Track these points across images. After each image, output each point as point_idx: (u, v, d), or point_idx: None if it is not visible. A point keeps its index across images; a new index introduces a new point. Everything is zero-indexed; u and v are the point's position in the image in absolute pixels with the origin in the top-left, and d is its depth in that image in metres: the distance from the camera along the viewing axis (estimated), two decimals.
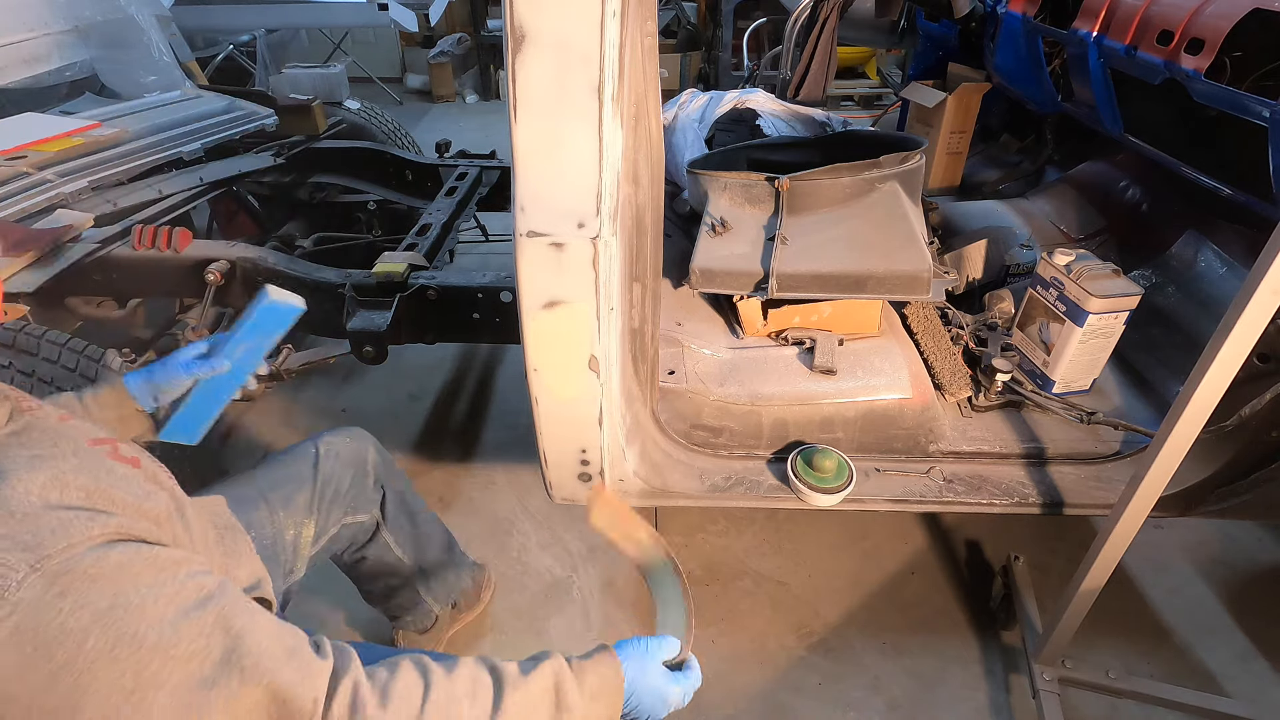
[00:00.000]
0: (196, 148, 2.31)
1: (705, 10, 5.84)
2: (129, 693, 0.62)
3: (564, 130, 0.97)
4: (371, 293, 1.76)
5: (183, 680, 0.64)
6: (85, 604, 0.61)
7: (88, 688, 0.61)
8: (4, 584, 0.59)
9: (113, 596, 0.62)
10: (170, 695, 0.63)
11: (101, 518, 0.66)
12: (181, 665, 0.64)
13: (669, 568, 1.02)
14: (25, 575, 0.60)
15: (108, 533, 0.66)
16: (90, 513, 0.66)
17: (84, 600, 0.61)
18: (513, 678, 0.79)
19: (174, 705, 0.63)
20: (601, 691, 0.83)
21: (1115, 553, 1.25)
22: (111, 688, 0.61)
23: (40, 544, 0.61)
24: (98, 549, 0.64)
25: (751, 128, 2.19)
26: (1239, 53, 1.45)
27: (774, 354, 1.59)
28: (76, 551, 0.62)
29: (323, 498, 1.25)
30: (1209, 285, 1.75)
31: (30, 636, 0.59)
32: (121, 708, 0.62)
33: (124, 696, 0.62)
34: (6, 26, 2.71)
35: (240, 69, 4.68)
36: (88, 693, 0.61)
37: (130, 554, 0.66)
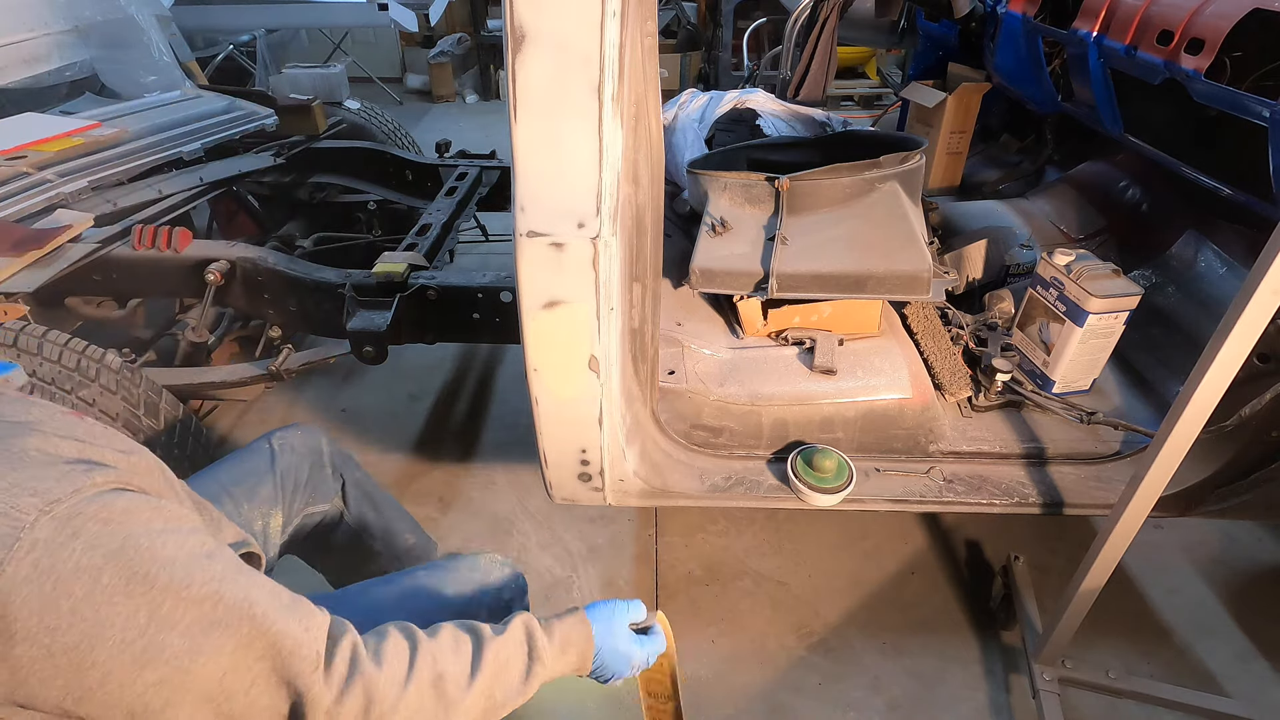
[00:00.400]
0: (196, 148, 2.31)
1: (705, 10, 5.84)
2: (143, 629, 0.64)
3: (564, 130, 0.97)
4: (371, 293, 1.76)
5: (195, 621, 0.66)
6: (97, 544, 0.63)
7: (105, 621, 0.62)
8: (18, 524, 0.60)
9: (123, 538, 0.64)
10: (182, 636, 0.65)
11: (100, 469, 0.68)
12: (194, 606, 0.66)
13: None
14: (37, 518, 0.61)
15: (109, 480, 0.68)
16: (87, 464, 0.68)
17: (95, 541, 0.63)
18: (489, 633, 0.86)
19: (185, 646, 0.65)
20: (570, 644, 0.91)
21: (1115, 553, 1.25)
22: (127, 623, 0.63)
23: (48, 490, 0.63)
24: (104, 494, 0.66)
25: (751, 128, 2.19)
26: (1239, 53, 1.45)
27: (774, 354, 1.59)
28: (83, 496, 0.64)
29: (284, 489, 1.26)
30: (1209, 285, 1.75)
31: (49, 573, 0.61)
32: (136, 643, 0.63)
33: (138, 632, 0.63)
34: (6, 26, 2.71)
35: (240, 69, 4.68)
36: (104, 627, 0.62)
37: (137, 501, 0.68)
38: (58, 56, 2.88)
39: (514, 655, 0.86)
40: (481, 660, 0.82)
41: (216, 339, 2.06)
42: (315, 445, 1.34)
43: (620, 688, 1.60)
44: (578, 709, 1.57)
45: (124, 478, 0.70)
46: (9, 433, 0.68)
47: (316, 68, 3.43)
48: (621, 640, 0.96)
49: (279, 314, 1.95)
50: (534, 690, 0.87)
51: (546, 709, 1.57)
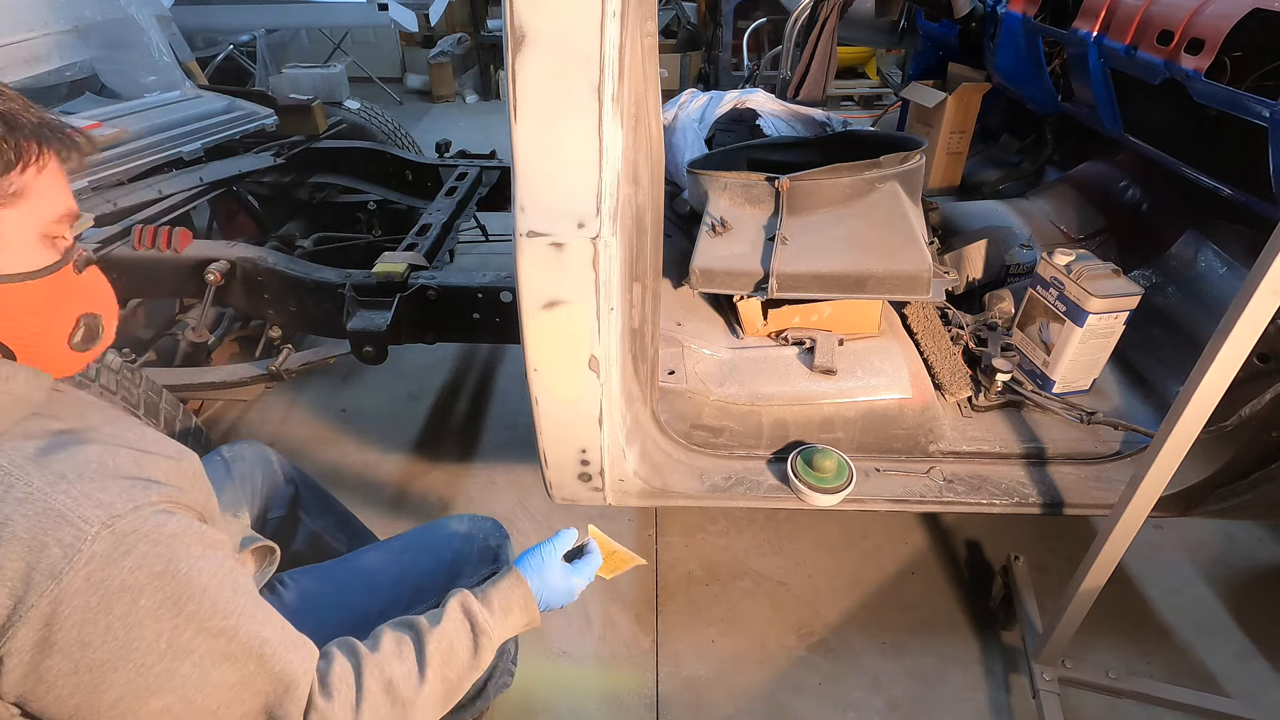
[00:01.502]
0: (196, 148, 2.31)
1: (705, 10, 5.84)
2: (162, 654, 0.65)
3: (564, 130, 0.97)
4: (371, 293, 1.76)
5: (208, 653, 0.67)
6: (144, 564, 0.64)
7: (132, 644, 0.64)
8: (82, 535, 0.61)
9: (167, 562, 0.66)
10: (194, 666, 0.67)
11: (155, 487, 0.69)
12: (211, 639, 0.68)
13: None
14: (99, 530, 0.62)
15: (164, 500, 0.69)
16: (144, 482, 0.69)
17: (143, 561, 0.64)
18: (427, 625, 0.87)
19: (195, 677, 0.67)
20: (511, 604, 0.94)
21: (1115, 553, 1.25)
22: (149, 647, 0.64)
23: (112, 503, 0.64)
24: (159, 514, 0.67)
25: (751, 128, 2.19)
26: (1239, 53, 1.45)
27: (774, 354, 1.59)
28: (143, 514, 0.66)
29: (244, 495, 1.27)
30: (1209, 285, 1.75)
31: (99, 588, 0.62)
32: (154, 668, 0.64)
33: (157, 658, 0.65)
34: (6, 26, 2.71)
35: (240, 69, 4.68)
36: (130, 649, 0.64)
37: (185, 525, 0.70)
38: (58, 56, 2.88)
39: (457, 637, 0.87)
40: (425, 654, 0.84)
41: (216, 339, 2.06)
42: (265, 455, 1.35)
43: (620, 687, 1.60)
44: (578, 709, 1.57)
45: (174, 496, 0.71)
46: (72, 439, 0.69)
47: (316, 68, 3.42)
48: (558, 579, 1.00)
49: (279, 314, 1.95)
50: (489, 657, 0.90)
51: (546, 709, 1.57)
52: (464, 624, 0.89)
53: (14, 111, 0.68)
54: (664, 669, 1.64)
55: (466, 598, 0.91)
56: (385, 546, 1.23)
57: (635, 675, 1.63)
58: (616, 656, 1.67)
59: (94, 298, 0.78)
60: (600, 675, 1.64)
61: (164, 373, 1.85)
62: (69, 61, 2.92)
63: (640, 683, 1.62)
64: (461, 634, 0.88)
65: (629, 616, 1.76)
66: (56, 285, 0.72)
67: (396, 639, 0.85)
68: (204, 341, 1.95)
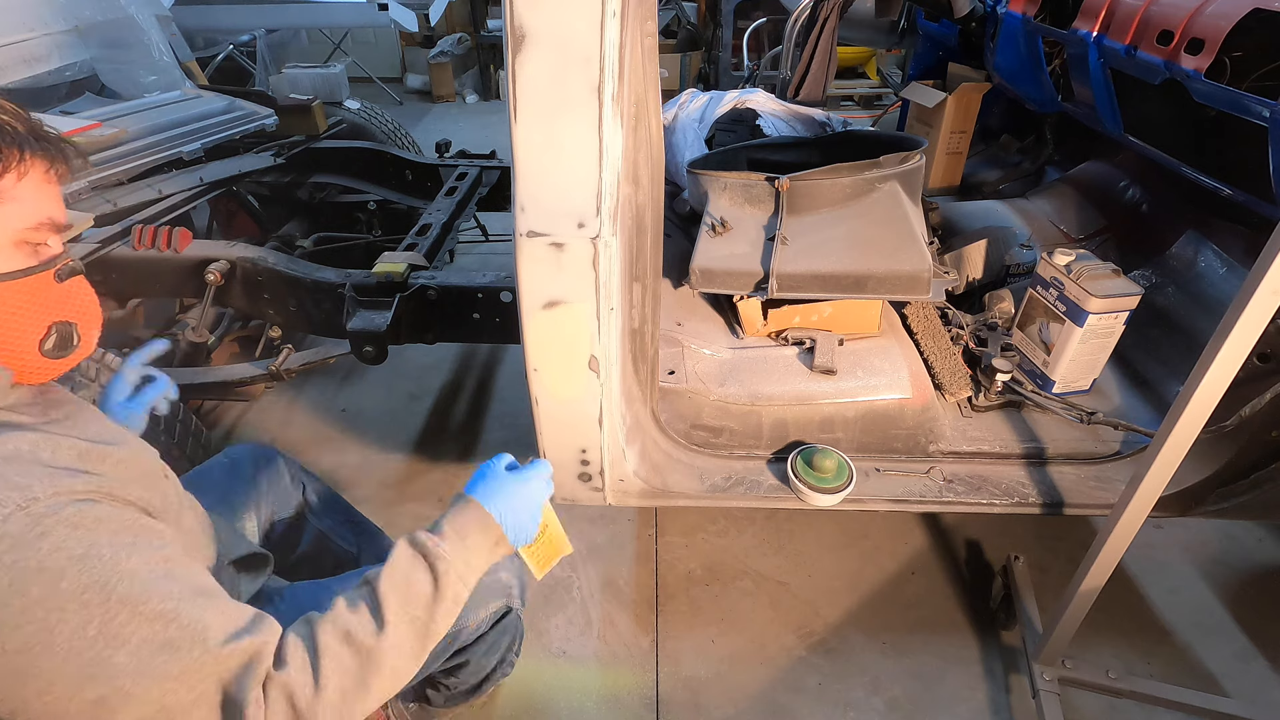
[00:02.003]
0: (196, 148, 2.31)
1: (705, 10, 5.84)
2: (92, 640, 0.62)
3: (564, 130, 0.97)
4: (371, 293, 1.76)
5: (146, 639, 0.65)
6: (62, 548, 0.63)
7: (54, 628, 0.61)
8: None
9: (88, 546, 0.64)
10: (130, 655, 0.64)
11: (86, 477, 0.69)
12: (147, 624, 0.65)
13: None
14: (12, 511, 0.61)
15: (91, 489, 0.68)
16: (78, 472, 0.68)
17: (62, 544, 0.63)
18: (375, 572, 0.82)
19: (131, 667, 0.64)
20: (466, 527, 0.87)
21: (1115, 553, 1.25)
22: (76, 633, 0.62)
23: (30, 486, 0.63)
24: (82, 502, 0.66)
25: (751, 128, 2.19)
26: (1239, 53, 1.45)
27: (774, 354, 1.59)
28: (61, 500, 0.65)
29: (250, 496, 1.27)
30: (1209, 285, 1.75)
31: (9, 569, 0.60)
32: (83, 654, 0.62)
33: (87, 644, 0.62)
34: (6, 26, 2.71)
35: (240, 69, 4.68)
36: (53, 634, 0.61)
37: (113, 512, 0.68)
38: (58, 56, 2.88)
39: (411, 571, 0.82)
40: (379, 596, 0.79)
41: (216, 339, 2.06)
42: (269, 457, 1.35)
43: (620, 686, 1.60)
44: (578, 708, 1.57)
45: (106, 487, 0.70)
46: (8, 428, 0.69)
47: (316, 68, 3.43)
48: (511, 486, 0.92)
49: (279, 314, 1.95)
50: (460, 590, 0.84)
51: (546, 708, 1.57)
52: (415, 558, 0.83)
53: (3, 121, 0.68)
54: (664, 669, 1.64)
55: (413, 535, 0.85)
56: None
57: (635, 675, 1.63)
58: (616, 656, 1.67)
59: (73, 307, 0.77)
60: (600, 675, 1.64)
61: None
62: (69, 61, 2.93)
63: (640, 682, 1.62)
64: (415, 568, 0.82)
65: (629, 616, 1.76)
66: (28, 290, 0.72)
67: (347, 596, 0.81)
68: (204, 341, 1.95)
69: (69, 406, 0.79)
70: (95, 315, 0.81)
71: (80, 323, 0.79)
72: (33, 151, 0.70)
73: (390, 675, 0.78)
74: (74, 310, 0.78)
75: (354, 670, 0.75)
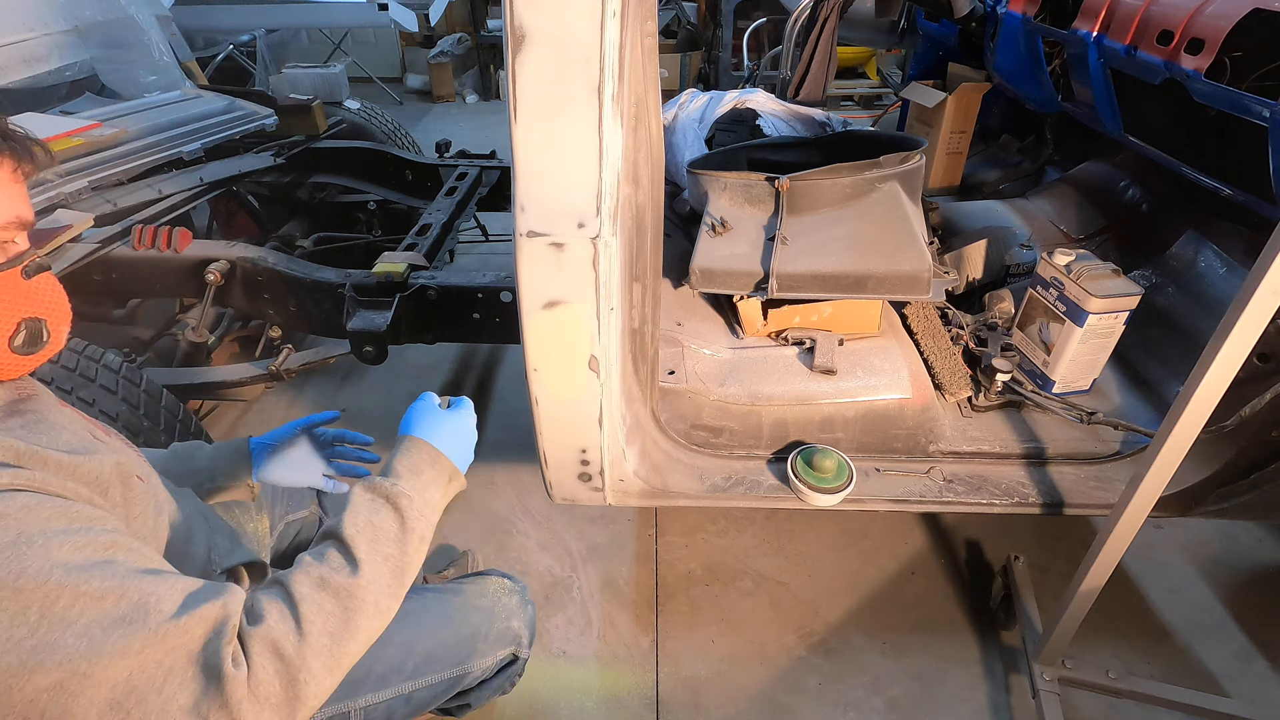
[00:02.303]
0: (196, 148, 2.31)
1: (705, 10, 5.84)
2: (34, 627, 0.60)
3: (564, 130, 0.97)
4: (371, 293, 1.76)
5: (96, 619, 0.62)
6: None
7: None
8: None
9: (16, 534, 0.62)
10: (79, 636, 0.61)
11: (14, 471, 0.67)
12: (94, 603, 0.62)
13: None
14: None
15: (17, 483, 0.66)
16: (8, 467, 0.67)
17: None
18: (335, 522, 0.80)
19: (85, 646, 0.61)
20: (418, 465, 0.88)
21: (1115, 553, 1.25)
22: (16, 620, 0.60)
23: None
24: (3, 493, 0.64)
25: (751, 128, 2.19)
26: (1239, 53, 1.45)
27: (774, 354, 1.59)
28: None
29: (264, 495, 1.26)
30: (1209, 285, 1.75)
31: None
32: (25, 642, 0.59)
33: (28, 631, 0.60)
34: (6, 26, 2.71)
35: (240, 69, 4.68)
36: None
37: (40, 500, 0.66)
38: (58, 56, 2.89)
39: (372, 513, 0.81)
40: (345, 540, 0.78)
41: (216, 339, 2.06)
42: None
43: (620, 686, 1.60)
44: (578, 709, 1.57)
45: (43, 481, 0.68)
46: None
47: (316, 68, 3.43)
48: (451, 425, 0.95)
49: (279, 314, 1.95)
50: (424, 527, 0.84)
51: (547, 709, 1.57)
52: (371, 499, 0.83)
53: None
54: (664, 669, 1.64)
55: (366, 481, 0.86)
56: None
57: (635, 675, 1.63)
58: (616, 656, 1.67)
59: (41, 303, 0.77)
60: (600, 675, 1.64)
61: (164, 373, 1.85)
62: (69, 61, 2.93)
63: (640, 682, 1.62)
64: (377, 508, 0.82)
65: (629, 616, 1.76)
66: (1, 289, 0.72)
67: (311, 551, 0.79)
68: (204, 341, 1.95)
69: (36, 415, 0.77)
70: (64, 311, 0.81)
71: (50, 319, 0.78)
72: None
73: (374, 612, 0.76)
74: (43, 306, 0.77)
75: (336, 612, 0.73)
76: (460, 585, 1.19)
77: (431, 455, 0.90)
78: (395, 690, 1.03)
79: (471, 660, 1.12)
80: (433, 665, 1.07)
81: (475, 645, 1.12)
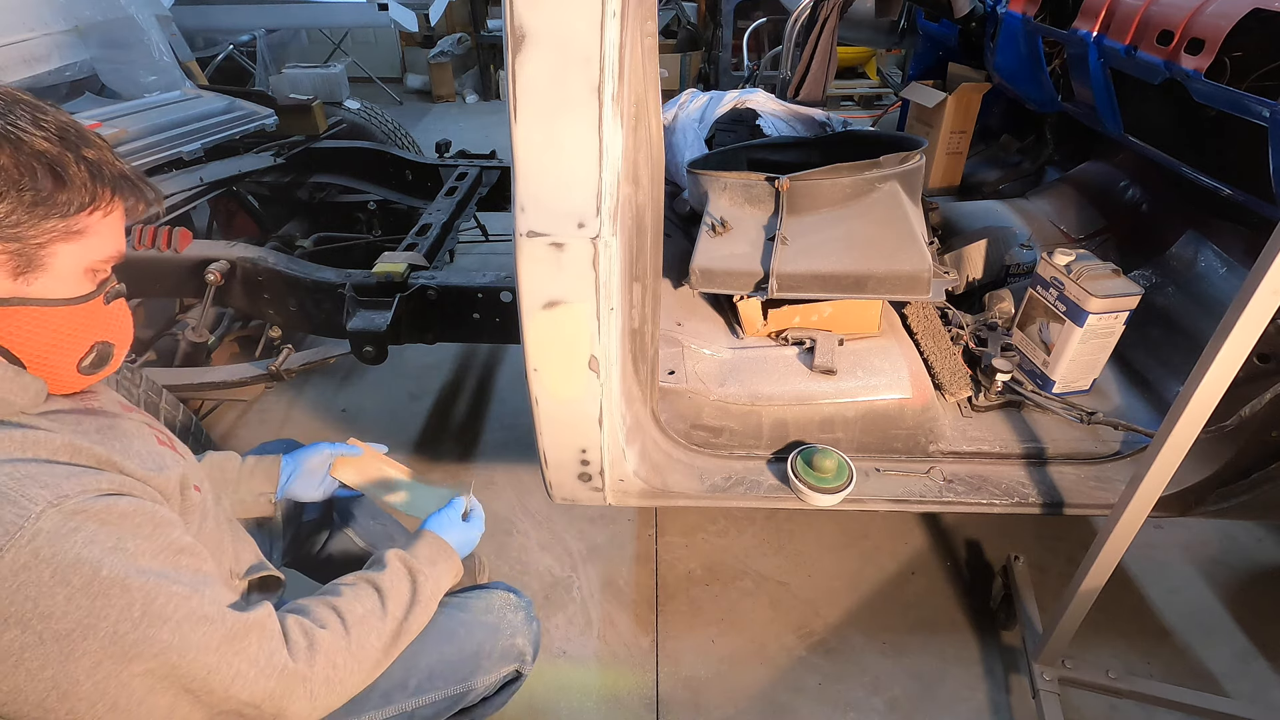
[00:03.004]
0: (196, 148, 2.31)
1: (705, 10, 5.84)
2: (136, 622, 0.68)
3: (564, 130, 0.97)
4: (371, 293, 1.76)
5: (186, 616, 0.71)
6: (96, 540, 0.67)
7: (99, 613, 0.66)
8: (25, 513, 0.64)
9: (117, 539, 0.69)
10: (173, 631, 0.70)
11: (109, 474, 0.73)
12: (184, 602, 0.71)
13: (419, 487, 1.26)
14: (44, 509, 0.65)
15: (114, 486, 0.72)
16: (98, 471, 0.73)
17: (94, 537, 0.67)
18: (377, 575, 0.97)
19: (175, 641, 0.70)
20: (437, 557, 1.04)
21: (1115, 553, 1.25)
22: (121, 616, 0.67)
23: (58, 485, 0.67)
24: (107, 497, 0.70)
25: (751, 128, 2.19)
26: (1239, 53, 1.45)
27: (774, 354, 1.59)
28: (89, 495, 0.69)
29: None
30: (1209, 285, 1.75)
31: (49, 561, 0.64)
32: (129, 635, 0.67)
33: (131, 625, 0.67)
34: (6, 26, 2.71)
35: (240, 69, 4.68)
36: (98, 618, 0.66)
37: (135, 505, 0.73)
38: (58, 56, 2.88)
39: (399, 583, 0.97)
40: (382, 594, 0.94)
41: (216, 339, 2.06)
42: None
43: (620, 686, 1.60)
44: (578, 709, 1.57)
45: (129, 485, 0.74)
46: (47, 430, 0.72)
47: (316, 68, 3.42)
48: (460, 533, 1.11)
49: (279, 314, 1.95)
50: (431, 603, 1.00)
51: (547, 709, 1.57)
52: (405, 575, 0.99)
53: (102, 161, 0.74)
54: (664, 668, 1.64)
55: (400, 555, 1.01)
56: None
57: (635, 675, 1.63)
58: (616, 656, 1.67)
59: (114, 328, 0.82)
60: (600, 675, 1.64)
61: (164, 373, 1.85)
62: (69, 61, 2.92)
63: (640, 682, 1.62)
64: (402, 581, 0.98)
65: (629, 616, 1.76)
66: (83, 313, 0.77)
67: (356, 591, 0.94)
68: (204, 341, 1.95)
69: (108, 420, 0.82)
70: (129, 334, 0.86)
71: (118, 343, 0.83)
72: (121, 193, 0.75)
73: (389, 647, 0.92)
74: (115, 331, 0.82)
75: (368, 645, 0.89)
76: (466, 600, 1.19)
77: (450, 558, 1.06)
78: (398, 707, 1.04)
79: (475, 677, 1.12)
80: (436, 682, 1.08)
81: (479, 662, 1.12)
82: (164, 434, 0.91)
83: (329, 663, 0.82)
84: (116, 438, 0.79)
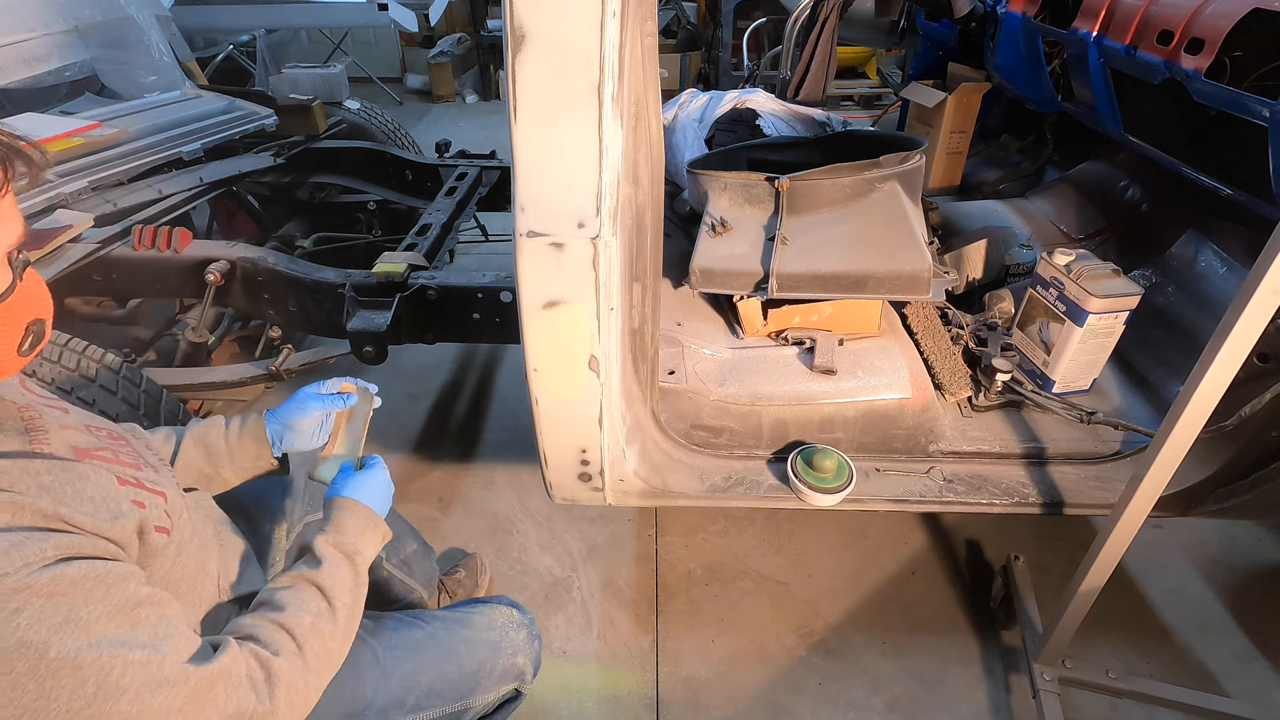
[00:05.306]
0: (196, 148, 2.31)
1: (705, 10, 5.84)
2: (90, 698, 0.64)
3: (564, 130, 0.97)
4: (371, 293, 1.76)
5: (144, 684, 0.67)
6: (41, 619, 0.62)
7: (50, 694, 0.62)
8: None
9: (67, 611, 0.64)
10: (130, 701, 0.66)
11: (55, 536, 0.67)
12: (141, 670, 0.67)
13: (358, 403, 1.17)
14: None
15: (60, 551, 0.66)
16: (44, 533, 0.67)
17: (40, 616, 0.62)
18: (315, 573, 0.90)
19: (136, 710, 0.66)
20: (365, 526, 0.98)
21: (1115, 553, 1.25)
22: (73, 695, 0.63)
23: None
24: (52, 567, 0.65)
25: (751, 128, 2.19)
26: (1239, 53, 1.45)
27: (774, 354, 1.59)
28: (32, 569, 0.63)
29: (282, 500, 1.26)
30: (1209, 285, 1.75)
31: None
32: (82, 712, 0.63)
33: (85, 702, 0.63)
34: (6, 26, 2.71)
35: (240, 69, 4.68)
36: (49, 700, 0.62)
37: (85, 569, 0.67)
38: (58, 56, 2.88)
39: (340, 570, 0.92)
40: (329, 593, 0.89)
41: (216, 339, 2.06)
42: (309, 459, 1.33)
43: (620, 686, 1.60)
44: (578, 709, 1.57)
45: (79, 545, 0.69)
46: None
47: (316, 68, 3.42)
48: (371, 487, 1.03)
49: (279, 314, 1.95)
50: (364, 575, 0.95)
51: (547, 709, 1.57)
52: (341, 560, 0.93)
53: None
54: (664, 669, 1.64)
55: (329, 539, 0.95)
56: (411, 626, 1.15)
57: (635, 675, 1.63)
58: (616, 656, 1.67)
59: (38, 303, 0.77)
60: (600, 675, 1.64)
61: (164, 373, 1.85)
62: (69, 61, 2.92)
63: (640, 682, 1.62)
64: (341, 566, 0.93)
65: (629, 616, 1.76)
66: (14, 302, 0.72)
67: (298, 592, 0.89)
68: (204, 341, 1.95)
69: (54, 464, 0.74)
70: (51, 302, 0.80)
71: (46, 317, 0.78)
72: (11, 165, 0.68)
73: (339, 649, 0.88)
74: (40, 306, 0.77)
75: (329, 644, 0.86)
76: (469, 615, 1.18)
77: (372, 522, 0.99)
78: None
79: (474, 696, 1.11)
80: (434, 700, 1.07)
81: (479, 681, 1.11)
82: (127, 471, 0.82)
83: (289, 689, 0.79)
84: (68, 482, 0.73)
